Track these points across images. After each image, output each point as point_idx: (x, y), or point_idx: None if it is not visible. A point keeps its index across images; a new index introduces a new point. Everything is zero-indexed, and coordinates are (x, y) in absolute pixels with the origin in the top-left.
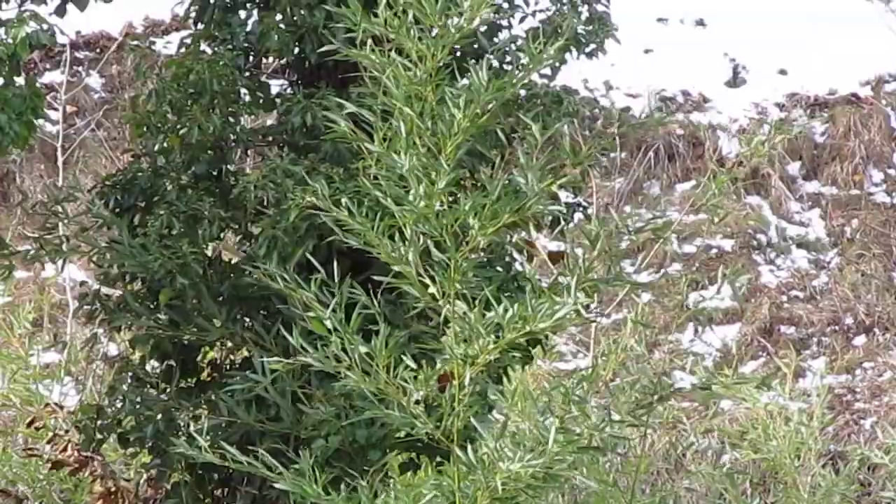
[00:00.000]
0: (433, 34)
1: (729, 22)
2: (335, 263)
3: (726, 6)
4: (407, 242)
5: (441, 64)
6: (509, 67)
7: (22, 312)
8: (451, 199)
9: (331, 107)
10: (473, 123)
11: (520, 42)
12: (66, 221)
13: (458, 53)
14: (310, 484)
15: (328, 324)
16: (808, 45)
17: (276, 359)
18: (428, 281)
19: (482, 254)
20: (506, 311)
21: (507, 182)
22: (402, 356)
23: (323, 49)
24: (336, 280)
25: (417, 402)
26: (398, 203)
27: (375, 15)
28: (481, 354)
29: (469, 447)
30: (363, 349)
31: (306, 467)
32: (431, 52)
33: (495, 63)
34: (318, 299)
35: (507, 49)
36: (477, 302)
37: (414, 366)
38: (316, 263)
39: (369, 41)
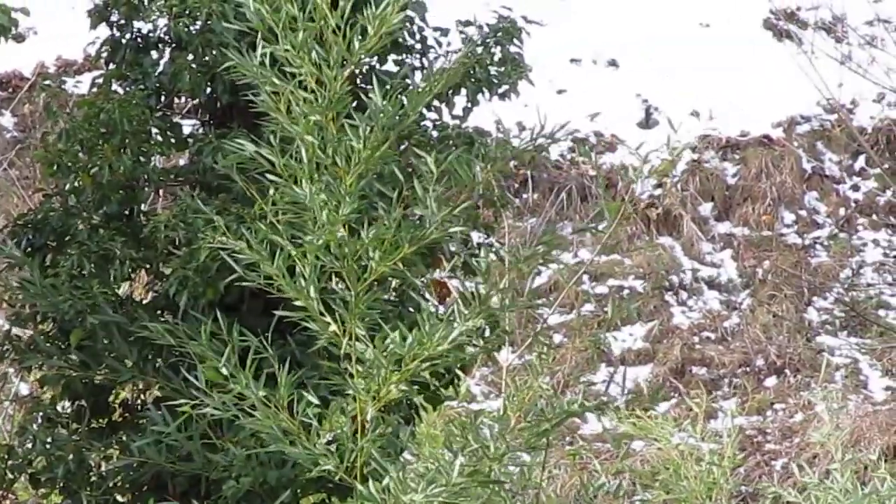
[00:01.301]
0: (334, 59)
1: (642, 63)
2: (246, 304)
3: (639, 48)
4: (307, 277)
5: (343, 91)
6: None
7: None
8: (352, 234)
9: (243, 148)
10: (374, 153)
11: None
12: None
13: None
14: None
15: (224, 371)
16: (720, 86)
17: (182, 401)
18: (329, 319)
19: (393, 294)
20: (403, 339)
21: (413, 216)
22: (305, 394)
23: (226, 65)
24: (245, 318)
25: (329, 443)
26: (294, 239)
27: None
28: (383, 387)
29: (371, 482)
30: (262, 392)
31: None
32: (333, 75)
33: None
34: (212, 348)
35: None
36: (377, 338)
37: (317, 402)
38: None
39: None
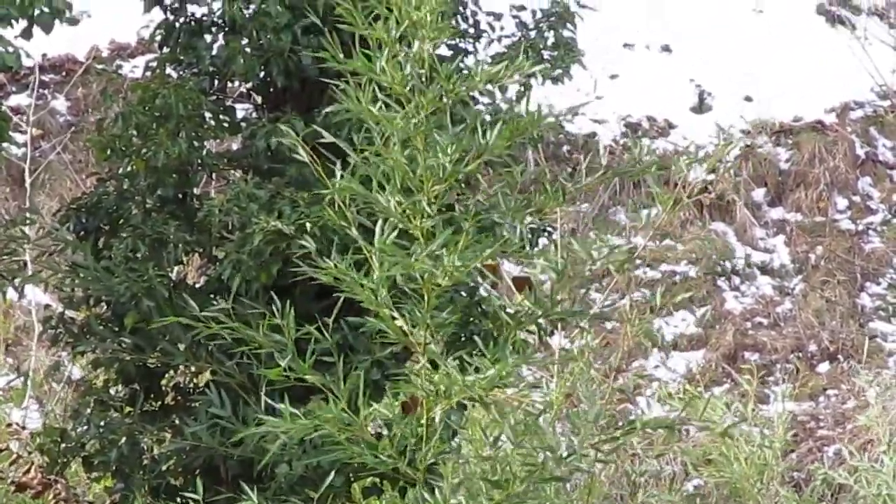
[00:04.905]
0: (430, 84)
1: (695, 48)
2: (299, 288)
3: (692, 33)
4: (377, 279)
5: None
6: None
7: None
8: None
9: (297, 131)
10: (456, 169)
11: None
12: (25, 247)
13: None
14: None
15: (283, 363)
16: (774, 71)
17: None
18: (396, 314)
19: None
20: (489, 370)
21: (482, 217)
22: (380, 396)
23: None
24: (298, 302)
25: (379, 435)
26: (366, 237)
27: (347, 52)
28: (456, 396)
29: (437, 491)
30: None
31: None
32: (427, 99)
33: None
34: (269, 337)
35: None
36: (443, 340)
37: (388, 413)
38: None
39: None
